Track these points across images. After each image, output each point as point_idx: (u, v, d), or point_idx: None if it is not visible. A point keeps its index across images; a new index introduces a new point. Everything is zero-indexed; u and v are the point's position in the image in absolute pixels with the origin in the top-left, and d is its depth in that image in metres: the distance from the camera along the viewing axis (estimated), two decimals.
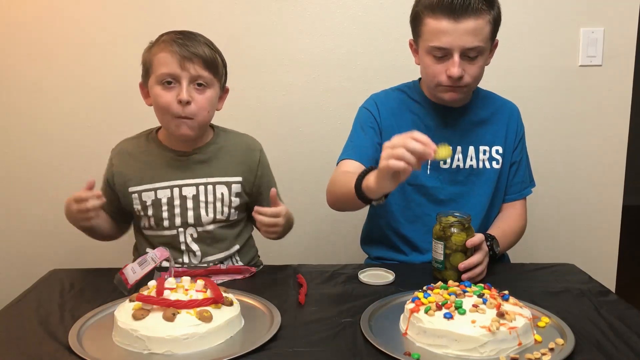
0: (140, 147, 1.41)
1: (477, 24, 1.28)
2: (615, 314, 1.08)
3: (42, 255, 2.04)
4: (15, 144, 2.00)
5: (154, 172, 1.38)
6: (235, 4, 1.93)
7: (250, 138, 1.48)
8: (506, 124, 1.49)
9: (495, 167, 1.47)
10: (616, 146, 2.04)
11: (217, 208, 1.39)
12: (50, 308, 1.12)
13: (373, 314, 1.06)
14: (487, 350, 0.91)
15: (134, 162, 1.40)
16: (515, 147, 1.50)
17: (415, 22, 1.38)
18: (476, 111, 1.47)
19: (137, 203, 1.38)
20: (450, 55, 1.31)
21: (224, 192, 1.39)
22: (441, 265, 1.23)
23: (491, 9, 1.31)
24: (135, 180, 1.38)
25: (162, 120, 1.34)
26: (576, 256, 1.88)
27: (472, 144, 1.46)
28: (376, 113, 1.46)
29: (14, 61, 1.95)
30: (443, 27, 1.29)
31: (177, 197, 1.37)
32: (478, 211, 1.46)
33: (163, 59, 1.28)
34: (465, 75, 1.33)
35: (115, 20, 1.93)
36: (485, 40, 1.32)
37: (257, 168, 1.44)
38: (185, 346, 0.93)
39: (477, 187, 1.47)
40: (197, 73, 1.29)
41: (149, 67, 1.32)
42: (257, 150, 1.45)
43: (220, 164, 1.40)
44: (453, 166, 1.45)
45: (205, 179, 1.38)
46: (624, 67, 1.99)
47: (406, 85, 1.52)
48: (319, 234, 1.73)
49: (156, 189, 1.37)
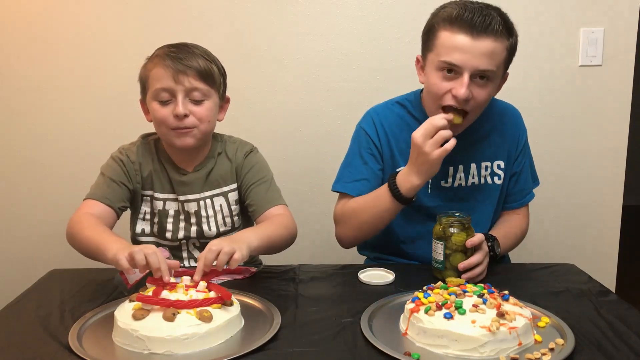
0: (152, 154, 1.39)
1: (494, 47, 1.24)
2: (615, 314, 1.08)
3: (42, 255, 2.04)
4: (15, 144, 2.00)
5: (162, 183, 1.38)
6: (235, 4, 1.93)
7: (242, 142, 1.46)
8: (509, 137, 1.45)
9: (497, 183, 1.44)
10: (616, 146, 2.04)
11: (218, 221, 1.40)
12: (50, 308, 1.12)
13: (373, 314, 1.06)
14: (487, 350, 0.91)
15: (147, 166, 1.38)
16: (517, 156, 1.46)
17: (428, 34, 1.31)
18: (477, 127, 1.39)
19: (147, 205, 1.38)
20: (460, 74, 1.25)
21: (222, 204, 1.40)
22: (441, 265, 1.23)
23: (510, 37, 1.27)
24: (148, 185, 1.38)
25: (163, 135, 1.34)
26: (576, 256, 1.88)
27: (473, 161, 1.42)
28: (374, 135, 1.42)
29: (14, 61, 1.95)
30: (459, 42, 1.23)
31: (182, 211, 1.38)
32: (481, 227, 1.41)
33: (157, 74, 1.28)
34: (471, 100, 1.26)
35: (115, 21, 1.93)
36: (499, 66, 1.27)
37: (242, 169, 1.41)
38: (185, 346, 0.93)
39: (479, 203, 1.44)
40: (192, 85, 1.27)
41: (145, 83, 1.32)
42: (245, 152, 1.43)
43: (216, 176, 1.40)
44: (455, 185, 1.42)
45: (203, 194, 1.38)
46: (624, 67, 1.99)
47: (406, 99, 1.46)
48: (319, 234, 1.73)
49: (165, 199, 1.38)
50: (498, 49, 1.25)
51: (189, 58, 1.28)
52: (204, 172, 1.38)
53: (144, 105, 1.35)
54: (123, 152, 1.38)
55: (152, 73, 1.29)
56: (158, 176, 1.38)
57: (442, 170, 1.32)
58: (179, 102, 1.26)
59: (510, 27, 1.28)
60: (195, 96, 1.29)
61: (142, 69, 1.33)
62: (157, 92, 1.28)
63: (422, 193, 1.38)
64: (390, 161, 1.42)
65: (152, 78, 1.29)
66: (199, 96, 1.29)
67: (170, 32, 1.93)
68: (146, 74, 1.31)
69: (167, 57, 1.27)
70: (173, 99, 1.27)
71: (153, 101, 1.29)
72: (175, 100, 1.27)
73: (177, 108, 1.26)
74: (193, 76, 1.27)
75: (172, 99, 1.27)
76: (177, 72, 1.26)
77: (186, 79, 1.26)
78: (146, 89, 1.32)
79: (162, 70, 1.27)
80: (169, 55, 1.27)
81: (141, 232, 1.40)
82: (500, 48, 1.25)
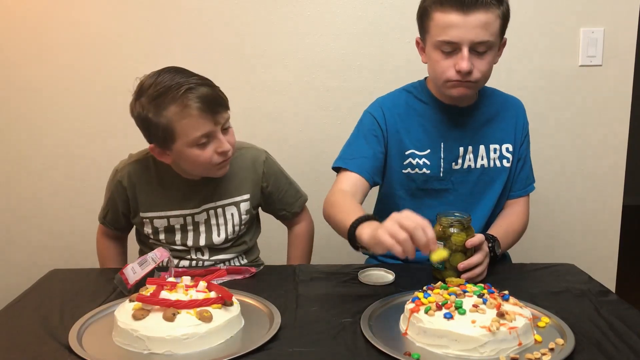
0: (150, 171, 1.38)
1: (487, 18, 1.28)
2: (615, 314, 1.08)
3: (42, 255, 2.04)
4: (15, 144, 2.00)
5: (166, 200, 1.37)
6: (235, 4, 1.93)
7: (254, 150, 1.46)
8: (514, 120, 1.49)
9: (506, 166, 1.47)
10: (616, 146, 2.04)
11: (228, 230, 1.41)
12: (50, 308, 1.12)
13: (373, 314, 1.06)
14: (487, 350, 0.91)
15: (145, 186, 1.38)
16: (522, 142, 1.50)
17: (422, 18, 1.36)
18: (483, 110, 1.46)
19: (148, 227, 1.39)
20: (458, 49, 1.30)
21: (233, 213, 1.41)
22: (441, 265, 1.23)
23: (500, 4, 1.31)
24: (147, 206, 1.38)
25: (201, 171, 1.33)
26: (576, 256, 1.88)
27: (482, 143, 1.45)
28: (382, 119, 1.44)
29: (14, 61, 1.96)
30: (452, 20, 1.27)
31: (190, 223, 1.38)
32: (487, 210, 1.46)
33: (192, 124, 1.23)
34: (474, 70, 1.31)
35: (115, 21, 1.93)
36: (495, 35, 1.31)
37: (262, 180, 1.44)
38: (185, 346, 0.93)
39: (488, 187, 1.47)
40: (224, 119, 1.28)
41: (173, 133, 1.24)
42: (260, 162, 1.44)
43: (227, 185, 1.40)
44: (465, 166, 1.45)
45: (214, 203, 1.39)
46: (624, 67, 1.99)
47: (412, 86, 1.50)
48: (319, 234, 1.72)
49: (169, 217, 1.38)
50: (491, 19, 1.29)
51: (220, 103, 1.27)
52: (212, 181, 1.38)
53: (165, 150, 1.30)
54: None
55: (184, 124, 1.23)
56: (161, 194, 1.37)
57: (452, 152, 1.42)
58: (222, 140, 1.27)
59: None
60: (226, 126, 1.30)
61: (155, 117, 1.24)
62: (197, 139, 1.24)
63: (434, 176, 1.42)
64: (397, 144, 1.44)
65: (184, 128, 1.23)
66: (227, 124, 1.31)
67: (170, 33, 1.94)
68: (172, 125, 1.23)
69: (195, 103, 1.22)
70: (212, 139, 1.27)
71: (190, 148, 1.26)
72: (215, 139, 1.27)
73: (224, 145, 1.27)
74: (224, 110, 1.28)
75: (211, 139, 1.27)
76: (215, 114, 1.25)
77: (222, 116, 1.27)
78: (174, 139, 1.25)
79: (199, 119, 1.23)
80: (195, 101, 1.22)
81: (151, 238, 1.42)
82: (493, 18, 1.29)
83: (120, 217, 1.44)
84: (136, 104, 1.26)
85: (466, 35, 1.28)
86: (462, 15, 1.27)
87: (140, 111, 1.25)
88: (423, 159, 1.43)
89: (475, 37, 1.28)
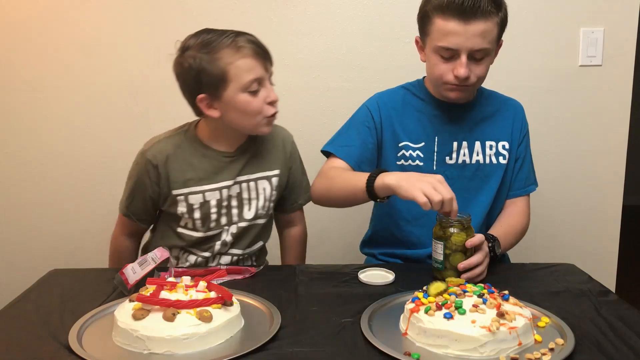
0: (182, 147, 1.36)
1: (486, 27, 1.30)
2: (615, 314, 1.08)
3: (42, 255, 2.04)
4: (15, 143, 2.00)
5: (200, 174, 1.35)
6: (235, 4, 1.93)
7: (283, 130, 1.50)
8: (511, 120, 1.50)
9: (502, 163, 1.48)
10: (616, 146, 2.04)
11: (259, 204, 1.41)
12: (50, 308, 1.12)
13: (373, 314, 1.06)
14: (487, 350, 0.91)
15: (177, 163, 1.35)
16: (520, 142, 1.51)
17: (423, 20, 1.38)
18: (480, 108, 1.48)
19: (182, 206, 1.35)
20: (457, 55, 1.32)
21: (265, 187, 1.42)
22: (441, 265, 1.23)
23: (499, 11, 1.32)
24: (180, 183, 1.35)
25: (250, 124, 1.33)
26: (576, 256, 1.88)
27: (477, 139, 1.47)
28: (376, 112, 1.47)
29: (14, 61, 1.95)
30: (452, 28, 1.29)
31: (226, 198, 1.38)
32: (484, 207, 1.47)
33: (246, 65, 1.27)
34: (471, 75, 1.34)
35: (115, 21, 1.93)
36: (492, 42, 1.33)
37: (290, 160, 1.47)
38: (185, 346, 0.93)
39: (484, 183, 1.48)
40: (271, 69, 1.33)
41: (225, 77, 1.26)
42: (289, 142, 1.48)
43: (260, 159, 1.42)
44: (459, 161, 1.46)
45: (247, 176, 1.39)
46: (624, 67, 1.99)
47: (410, 84, 1.53)
48: (319, 234, 1.73)
49: (204, 191, 1.36)
50: (490, 27, 1.31)
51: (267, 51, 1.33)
52: (245, 155, 1.39)
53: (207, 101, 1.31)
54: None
55: (237, 65, 1.27)
56: (195, 168, 1.36)
57: (446, 146, 1.45)
58: (269, 88, 1.32)
59: (498, 2, 1.32)
60: (272, 81, 1.35)
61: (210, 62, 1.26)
62: (249, 83, 1.28)
63: (427, 169, 1.43)
64: (392, 135, 1.46)
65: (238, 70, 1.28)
66: (272, 81, 1.35)
67: (170, 33, 1.92)
68: (226, 68, 1.26)
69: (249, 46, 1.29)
70: (261, 87, 1.31)
71: (244, 92, 1.28)
72: (264, 87, 1.31)
73: (272, 94, 1.32)
74: (270, 60, 1.33)
75: (260, 87, 1.31)
76: (265, 59, 1.31)
77: (269, 64, 1.33)
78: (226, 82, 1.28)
79: (252, 60, 1.29)
80: (250, 43, 1.29)
81: (183, 226, 1.39)
82: (492, 26, 1.31)
83: (147, 203, 1.38)
84: (184, 58, 1.28)
85: (465, 44, 1.30)
86: (463, 24, 1.28)
87: (191, 62, 1.26)
88: (417, 151, 1.45)
89: (474, 45, 1.30)
